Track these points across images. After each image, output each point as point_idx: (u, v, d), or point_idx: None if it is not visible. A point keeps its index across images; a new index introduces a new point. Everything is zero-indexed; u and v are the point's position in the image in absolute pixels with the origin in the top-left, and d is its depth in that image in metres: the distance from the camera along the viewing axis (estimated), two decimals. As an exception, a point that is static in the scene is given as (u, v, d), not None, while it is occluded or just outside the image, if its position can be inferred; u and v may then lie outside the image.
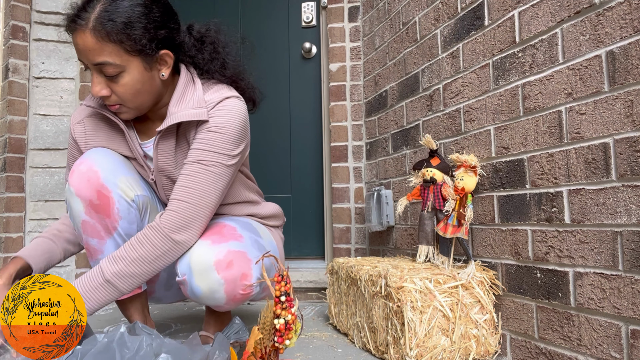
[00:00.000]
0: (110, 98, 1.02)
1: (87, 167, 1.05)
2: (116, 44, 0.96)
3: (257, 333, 0.84)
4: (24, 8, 2.12)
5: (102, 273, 0.96)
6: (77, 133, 1.16)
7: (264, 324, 0.84)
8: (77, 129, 1.16)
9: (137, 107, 1.05)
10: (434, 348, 1.07)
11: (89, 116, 1.16)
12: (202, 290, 1.01)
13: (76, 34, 0.96)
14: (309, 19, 2.32)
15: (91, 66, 0.98)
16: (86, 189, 1.04)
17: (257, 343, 0.83)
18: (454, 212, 1.22)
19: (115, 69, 0.97)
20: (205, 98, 1.07)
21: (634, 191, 0.84)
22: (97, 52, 0.95)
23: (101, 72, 0.98)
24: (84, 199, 1.04)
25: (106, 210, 1.05)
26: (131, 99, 1.03)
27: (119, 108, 1.05)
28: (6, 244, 2.05)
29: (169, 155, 1.11)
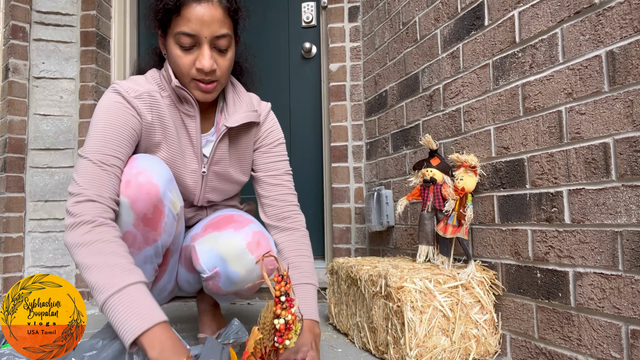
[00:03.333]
0: (215, 73, 1.05)
1: (146, 179, 0.98)
2: (232, 21, 1.06)
3: (257, 333, 0.83)
4: (24, 8, 2.12)
5: None
6: (142, 107, 1.05)
7: (263, 324, 0.84)
8: (141, 104, 1.05)
9: (223, 86, 1.10)
10: (434, 348, 1.07)
11: (164, 95, 1.10)
12: (239, 274, 1.08)
13: (205, 4, 1.00)
14: (309, 19, 2.32)
15: (208, 39, 1.01)
16: (144, 203, 0.98)
17: (257, 343, 0.83)
18: (454, 212, 1.22)
19: (229, 42, 1.04)
20: (252, 101, 1.21)
21: (634, 191, 0.84)
22: (222, 24, 1.01)
23: (214, 47, 1.03)
24: (138, 212, 0.99)
25: (155, 225, 1.02)
26: (227, 75, 1.08)
27: (214, 86, 1.06)
28: (6, 244, 2.05)
29: (224, 150, 1.16)
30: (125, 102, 1.02)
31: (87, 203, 0.91)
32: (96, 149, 0.96)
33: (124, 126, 1.01)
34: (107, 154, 0.96)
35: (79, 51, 2.20)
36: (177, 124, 1.11)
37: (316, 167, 2.29)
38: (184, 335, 1.47)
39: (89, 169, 0.94)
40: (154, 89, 1.08)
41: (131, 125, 1.02)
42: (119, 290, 0.81)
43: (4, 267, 2.04)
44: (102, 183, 0.94)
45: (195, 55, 1.02)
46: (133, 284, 0.83)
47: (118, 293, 0.81)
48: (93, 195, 0.92)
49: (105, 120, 0.99)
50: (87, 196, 0.91)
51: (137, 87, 1.06)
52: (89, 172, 0.94)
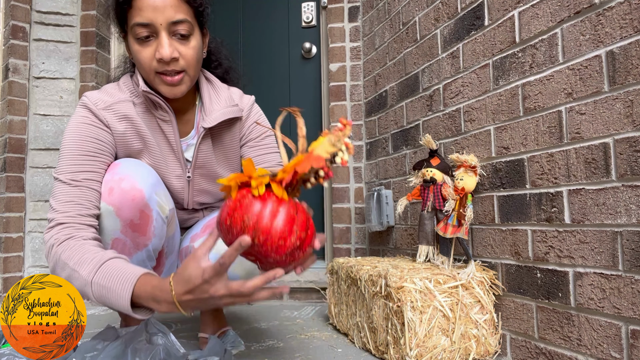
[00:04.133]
0: (178, 62, 1.00)
1: (130, 185, 0.97)
2: (189, 7, 1.01)
3: (327, 145, 0.72)
4: (24, 8, 2.12)
5: None
6: (111, 118, 1.02)
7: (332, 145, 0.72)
8: (110, 115, 1.02)
9: (192, 79, 1.05)
10: (434, 348, 1.07)
11: (137, 102, 1.07)
12: (239, 276, 1.07)
13: None
14: (309, 19, 2.32)
15: (164, 26, 0.97)
16: (129, 209, 0.97)
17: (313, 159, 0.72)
18: (454, 212, 1.22)
19: (189, 28, 1.00)
20: (232, 97, 1.16)
21: (634, 191, 0.84)
22: (177, 9, 0.98)
23: (173, 35, 0.99)
24: (124, 219, 0.98)
25: (143, 229, 1.01)
26: (194, 65, 1.03)
27: (182, 78, 1.02)
28: (6, 244, 2.05)
29: (208, 152, 1.14)
30: (91, 115, 1.01)
31: (57, 227, 0.91)
32: (65, 168, 0.96)
33: (92, 140, 0.99)
34: (77, 171, 0.96)
35: (79, 51, 2.20)
36: (154, 130, 1.08)
37: (316, 167, 2.29)
38: (184, 335, 1.47)
39: (60, 190, 0.94)
40: (125, 98, 1.05)
41: (99, 138, 1.00)
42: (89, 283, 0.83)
43: (4, 267, 2.04)
44: (74, 201, 0.93)
45: (154, 46, 0.98)
46: (95, 267, 0.84)
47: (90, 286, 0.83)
48: (63, 217, 0.92)
49: (72, 137, 0.99)
50: (57, 220, 0.92)
51: (106, 97, 1.03)
52: (61, 193, 0.94)
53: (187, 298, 0.74)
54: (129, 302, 0.79)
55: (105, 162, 1.01)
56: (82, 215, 0.93)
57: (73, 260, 0.85)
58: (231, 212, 0.68)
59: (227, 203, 0.70)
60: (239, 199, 0.68)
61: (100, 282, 0.81)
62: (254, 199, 0.68)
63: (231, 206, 0.68)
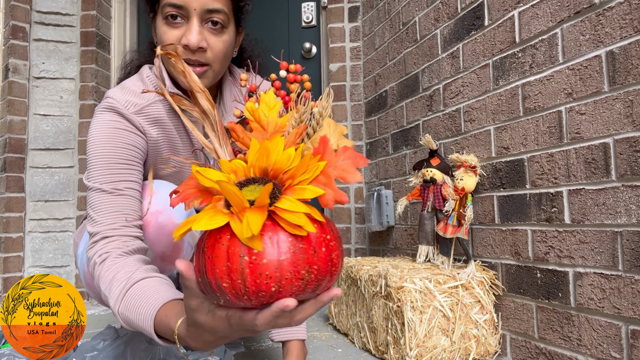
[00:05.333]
0: (204, 54, 0.90)
1: (167, 218, 0.91)
2: (231, 1, 0.93)
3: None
4: (24, 8, 2.12)
5: None
6: (145, 123, 0.93)
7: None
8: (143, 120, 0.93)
9: (216, 75, 0.95)
10: (434, 348, 1.07)
11: (162, 99, 0.96)
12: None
13: None
14: (309, 19, 2.32)
15: (197, 12, 0.88)
16: (164, 244, 0.91)
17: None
18: (454, 212, 1.22)
19: (224, 20, 0.91)
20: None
21: (634, 191, 0.84)
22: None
23: (204, 23, 0.90)
24: (157, 252, 0.93)
25: (173, 260, 0.96)
26: (221, 60, 0.94)
27: (205, 71, 0.92)
28: (6, 244, 2.05)
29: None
30: (124, 119, 0.91)
31: (101, 242, 0.83)
32: (103, 177, 0.87)
33: (128, 147, 0.90)
34: (117, 180, 0.87)
35: (79, 51, 2.20)
36: (180, 131, 1.00)
37: (316, 167, 2.29)
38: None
39: (100, 199, 0.86)
40: (153, 98, 0.95)
41: (135, 145, 0.92)
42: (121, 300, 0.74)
43: (4, 267, 2.04)
44: (118, 211, 0.85)
45: (182, 31, 0.89)
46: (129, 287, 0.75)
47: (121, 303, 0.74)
48: (107, 230, 0.84)
49: (105, 144, 0.89)
50: (101, 234, 0.83)
51: (135, 99, 0.93)
52: (102, 203, 0.86)
53: (220, 342, 0.62)
54: (154, 336, 0.70)
55: (142, 170, 0.94)
56: (127, 226, 0.86)
57: (105, 284, 0.78)
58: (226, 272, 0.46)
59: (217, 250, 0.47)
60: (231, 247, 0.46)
61: (125, 313, 0.73)
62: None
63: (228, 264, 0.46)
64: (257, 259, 0.45)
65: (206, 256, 0.47)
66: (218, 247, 0.46)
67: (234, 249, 0.45)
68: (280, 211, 0.45)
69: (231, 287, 0.46)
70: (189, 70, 0.59)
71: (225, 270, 0.46)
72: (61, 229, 2.14)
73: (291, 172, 0.48)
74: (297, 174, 0.48)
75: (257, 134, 0.54)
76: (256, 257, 0.45)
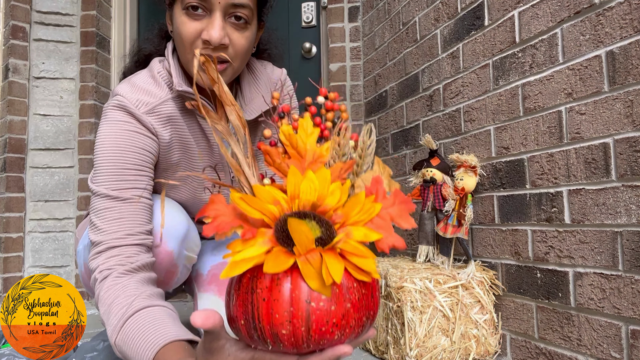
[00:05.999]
0: (226, 50, 0.84)
1: (161, 244, 0.86)
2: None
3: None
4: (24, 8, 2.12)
5: None
6: (158, 124, 0.86)
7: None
8: (155, 120, 0.86)
9: (235, 72, 0.89)
10: (434, 348, 1.07)
11: (174, 96, 0.89)
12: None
13: None
14: (309, 19, 2.32)
15: (222, 5, 0.82)
16: (156, 270, 0.85)
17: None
18: (454, 212, 1.22)
19: (248, 16, 0.85)
20: (270, 77, 1.01)
21: (634, 191, 0.84)
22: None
23: (227, 17, 0.84)
24: None
25: (166, 283, 0.92)
26: (242, 57, 0.88)
27: (225, 69, 0.85)
28: (6, 244, 2.05)
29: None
30: (134, 120, 0.84)
31: (105, 253, 0.78)
32: (111, 182, 0.81)
33: (139, 151, 0.84)
34: (124, 188, 0.81)
35: (79, 51, 2.20)
36: (194, 130, 0.93)
37: (316, 167, 2.29)
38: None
39: (107, 205, 0.80)
40: (165, 96, 0.88)
41: (146, 149, 0.85)
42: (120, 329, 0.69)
43: (4, 267, 2.04)
44: (125, 218, 0.80)
45: (203, 24, 0.82)
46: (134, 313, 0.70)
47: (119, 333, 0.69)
48: (112, 240, 0.78)
49: (114, 145, 0.82)
50: (105, 244, 0.78)
51: (147, 98, 0.86)
52: (108, 209, 0.80)
53: None
54: None
55: (152, 175, 0.87)
56: (133, 234, 0.80)
57: (104, 307, 0.73)
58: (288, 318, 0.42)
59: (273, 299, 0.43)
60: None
61: (122, 346, 0.68)
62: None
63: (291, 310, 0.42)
64: (325, 305, 0.42)
65: (260, 298, 0.43)
66: (278, 290, 0.42)
67: (298, 293, 0.42)
68: (349, 254, 0.42)
69: (291, 334, 0.42)
70: (221, 82, 0.55)
71: (287, 317, 0.42)
72: (61, 229, 2.14)
73: (344, 211, 0.45)
74: (351, 213, 0.44)
75: (294, 162, 0.49)
76: (324, 303, 0.42)
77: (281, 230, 0.43)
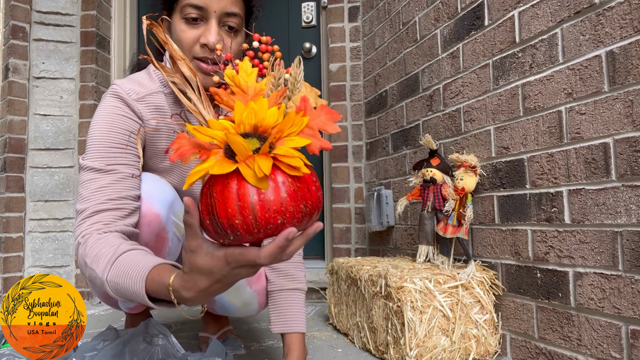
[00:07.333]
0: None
1: (146, 207, 0.91)
2: (244, 4, 1.00)
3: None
4: (24, 8, 2.12)
5: None
6: (145, 111, 0.96)
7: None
8: (143, 107, 0.95)
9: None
10: (434, 348, 1.07)
11: (167, 93, 0.99)
12: (235, 306, 1.06)
13: None
14: (309, 19, 2.32)
15: (217, 14, 0.94)
16: (145, 233, 0.92)
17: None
18: (454, 212, 1.22)
19: (239, 23, 0.98)
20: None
21: (634, 191, 0.84)
22: (233, 1, 0.96)
23: (222, 25, 0.96)
24: (141, 243, 0.91)
25: (158, 252, 0.96)
26: (233, 59, 0.98)
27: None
28: (6, 244, 2.05)
29: None
30: (124, 105, 0.94)
31: (87, 220, 0.83)
32: (98, 155, 0.88)
33: (126, 132, 0.92)
34: (111, 163, 0.88)
35: (79, 51, 2.20)
36: (181, 122, 1.02)
37: (316, 167, 2.29)
38: (184, 335, 1.47)
39: (92, 176, 0.87)
40: (156, 88, 0.98)
41: (133, 131, 0.94)
42: (108, 271, 0.75)
43: (4, 267, 2.04)
44: (108, 187, 0.86)
45: (201, 30, 0.94)
46: (116, 257, 0.76)
47: (106, 284, 0.75)
48: (94, 206, 0.84)
49: (102, 128, 0.91)
50: (89, 210, 0.83)
51: (139, 88, 0.96)
52: (93, 180, 0.86)
53: (214, 288, 0.64)
54: (145, 297, 0.70)
55: (138, 156, 0.93)
56: (114, 199, 0.85)
57: (90, 258, 0.79)
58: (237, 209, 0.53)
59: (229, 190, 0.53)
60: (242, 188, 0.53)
61: (114, 280, 0.74)
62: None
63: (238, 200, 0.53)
64: (264, 197, 0.52)
65: (215, 200, 0.54)
66: (228, 191, 0.53)
67: (244, 190, 0.52)
68: (280, 156, 0.53)
69: (243, 223, 0.53)
70: (170, 41, 0.66)
71: (237, 209, 0.52)
72: (61, 229, 2.14)
73: (279, 126, 0.55)
74: (285, 128, 0.55)
75: (239, 97, 0.60)
76: (264, 195, 0.52)
77: (228, 149, 0.54)
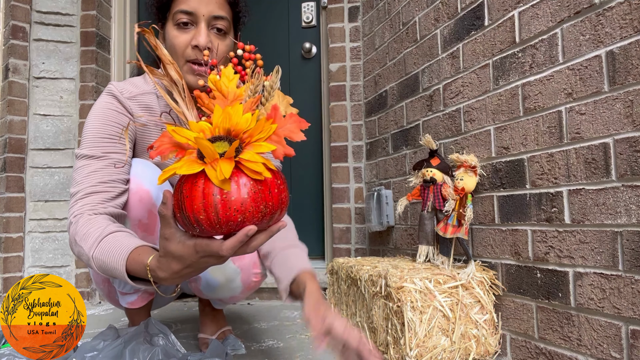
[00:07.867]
0: (211, 53, 1.03)
1: (136, 186, 0.98)
2: (231, 9, 1.07)
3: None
4: (24, 8, 2.12)
5: None
6: (136, 108, 1.04)
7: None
8: (134, 105, 1.04)
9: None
10: (434, 348, 1.07)
11: (159, 95, 1.08)
12: (219, 282, 1.08)
13: None
14: (309, 19, 2.32)
15: (205, 18, 1.02)
16: (137, 209, 0.98)
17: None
18: (454, 212, 1.22)
19: (226, 26, 1.05)
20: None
21: (634, 191, 0.84)
22: (220, 6, 1.04)
23: (210, 28, 1.03)
24: (133, 219, 0.99)
25: (152, 229, 1.01)
26: (222, 60, 1.06)
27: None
28: (6, 244, 2.05)
29: None
30: (116, 102, 1.02)
31: (79, 202, 0.90)
32: (91, 144, 0.96)
33: (115, 125, 0.99)
34: (103, 151, 0.96)
35: (79, 51, 2.20)
36: (171, 121, 1.08)
37: (316, 167, 2.29)
38: (184, 335, 1.47)
39: (84, 163, 0.94)
40: (149, 90, 1.06)
41: (124, 125, 1.01)
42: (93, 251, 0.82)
43: (4, 267, 2.04)
44: (99, 171, 0.93)
45: (192, 34, 1.02)
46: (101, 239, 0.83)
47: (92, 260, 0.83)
48: (86, 188, 0.91)
49: (95, 121, 0.99)
50: (81, 192, 0.91)
51: (132, 88, 1.05)
52: (85, 166, 0.94)
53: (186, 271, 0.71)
54: (124, 274, 0.77)
55: (129, 147, 1.03)
56: (105, 182, 0.93)
57: (79, 236, 0.85)
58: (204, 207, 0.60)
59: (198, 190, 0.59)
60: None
61: (99, 257, 0.81)
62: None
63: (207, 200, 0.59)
64: (226, 197, 0.58)
65: (184, 196, 0.60)
66: (195, 189, 0.59)
67: (208, 189, 0.58)
68: (244, 161, 0.58)
69: (206, 219, 0.59)
70: (160, 46, 0.72)
71: (201, 206, 0.59)
72: (61, 229, 2.14)
73: (249, 132, 0.61)
74: (255, 133, 0.60)
75: (219, 101, 0.65)
76: (226, 195, 0.58)
77: (200, 150, 0.60)
